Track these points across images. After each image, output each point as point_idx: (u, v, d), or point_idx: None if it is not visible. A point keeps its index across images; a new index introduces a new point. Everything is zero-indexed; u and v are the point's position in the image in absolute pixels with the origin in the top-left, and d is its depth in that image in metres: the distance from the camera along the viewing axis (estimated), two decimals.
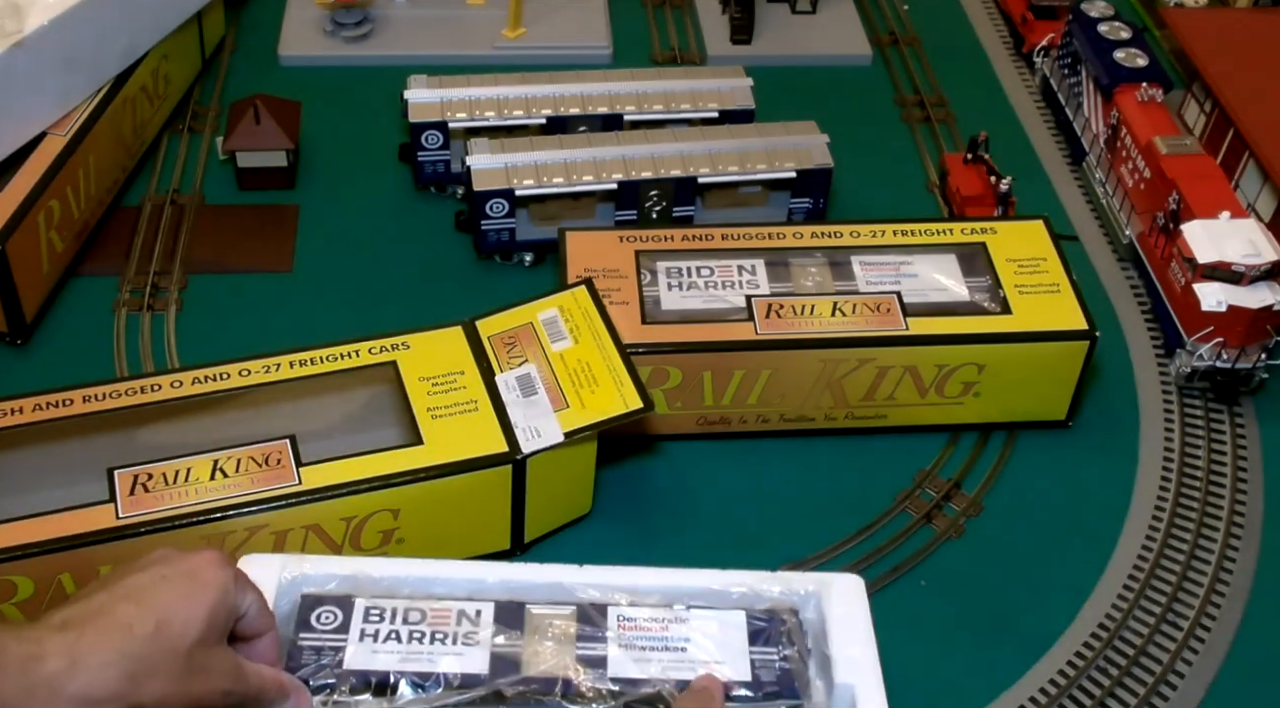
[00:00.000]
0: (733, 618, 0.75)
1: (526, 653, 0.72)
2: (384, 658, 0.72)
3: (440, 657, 0.72)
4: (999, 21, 1.56)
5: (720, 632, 0.74)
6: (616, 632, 0.74)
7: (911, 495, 1.03)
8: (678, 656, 0.73)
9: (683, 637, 0.74)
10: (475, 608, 0.74)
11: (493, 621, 0.74)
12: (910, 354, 1.02)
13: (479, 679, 0.71)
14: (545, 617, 0.74)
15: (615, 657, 0.72)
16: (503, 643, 0.73)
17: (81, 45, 1.15)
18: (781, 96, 1.35)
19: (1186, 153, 1.17)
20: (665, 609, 0.75)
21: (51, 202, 1.10)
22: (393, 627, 0.73)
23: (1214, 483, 1.05)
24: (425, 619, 0.74)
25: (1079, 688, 0.90)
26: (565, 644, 0.73)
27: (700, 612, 0.75)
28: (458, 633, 0.73)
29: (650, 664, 0.72)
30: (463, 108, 1.22)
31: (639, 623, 0.74)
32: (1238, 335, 1.07)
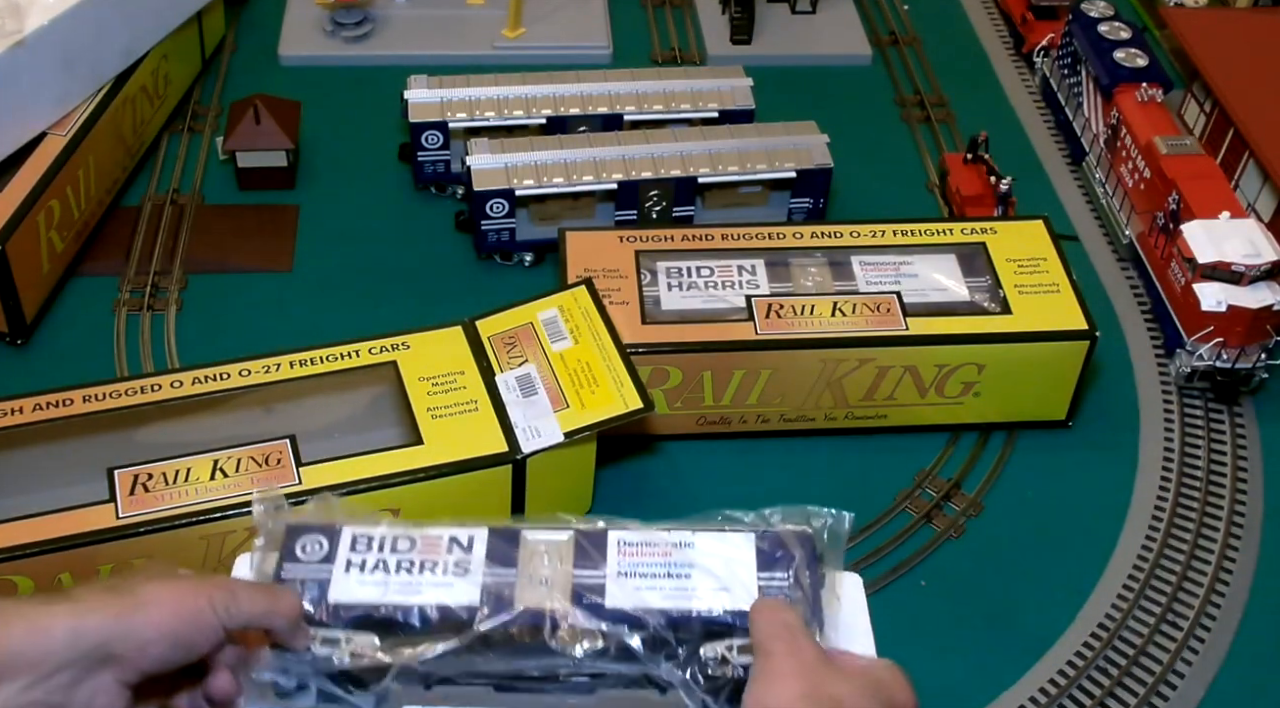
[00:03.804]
0: (740, 542, 0.71)
1: (520, 583, 0.68)
2: (370, 590, 0.68)
3: (428, 588, 0.68)
4: (999, 21, 1.56)
5: (726, 558, 0.70)
6: (616, 559, 0.69)
7: (911, 495, 1.03)
8: (680, 584, 0.68)
9: (686, 563, 0.69)
10: (468, 535, 0.70)
11: (486, 548, 0.70)
12: (910, 354, 1.02)
13: (467, 612, 0.67)
14: (541, 544, 0.70)
15: (613, 588, 0.68)
16: (495, 572, 0.68)
17: (81, 45, 1.15)
18: (781, 96, 1.35)
19: (1186, 153, 1.17)
20: (668, 533, 0.71)
21: (51, 202, 1.10)
22: (380, 556, 0.69)
23: (1214, 483, 1.05)
24: (415, 547, 0.70)
25: (1079, 688, 0.90)
26: (561, 574, 0.69)
27: (706, 535, 0.71)
28: (448, 562, 0.69)
29: (651, 594, 0.68)
30: (463, 108, 1.22)
31: (640, 549, 0.70)
32: (1238, 335, 1.07)
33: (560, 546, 0.70)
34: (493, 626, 0.66)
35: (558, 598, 0.67)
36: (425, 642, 0.66)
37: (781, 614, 0.66)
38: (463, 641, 0.66)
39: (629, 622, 0.66)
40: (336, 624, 0.67)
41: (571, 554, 0.69)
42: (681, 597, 0.68)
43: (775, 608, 0.67)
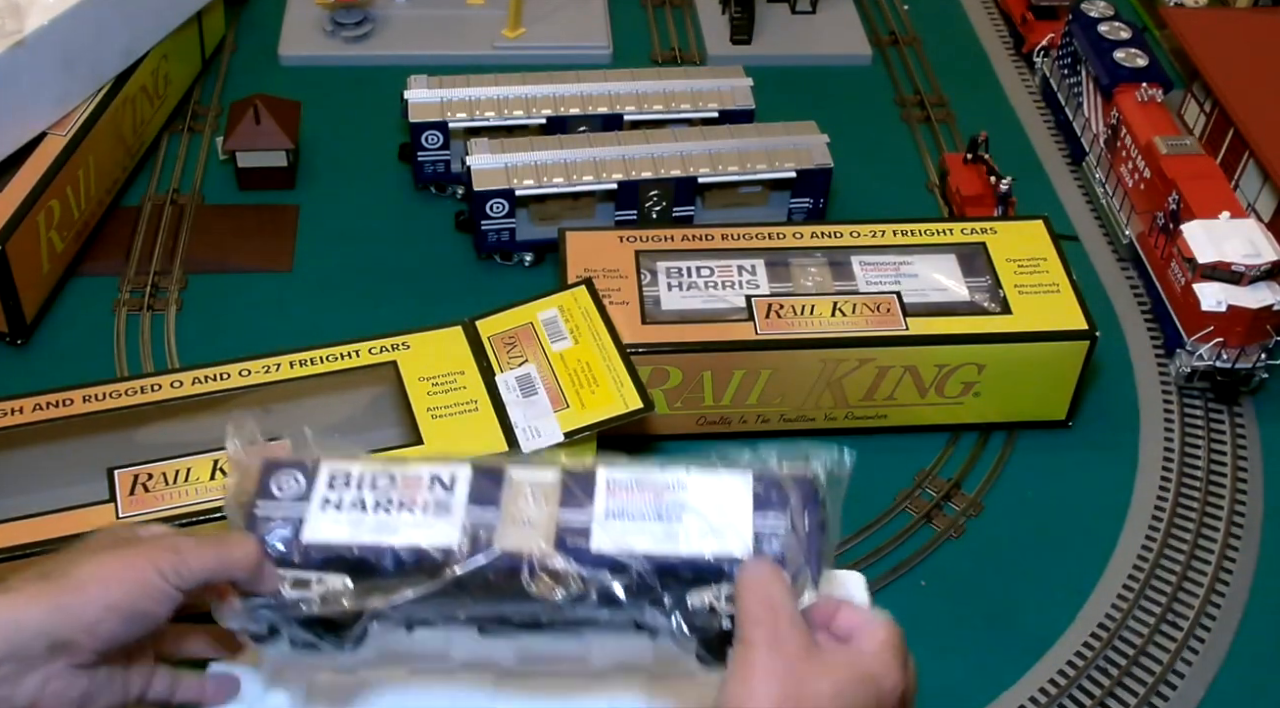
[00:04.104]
0: (736, 484, 0.67)
1: (501, 525, 0.65)
2: (344, 530, 0.65)
3: (406, 528, 0.64)
4: (999, 21, 1.56)
5: (720, 500, 0.66)
6: (605, 500, 0.66)
7: (911, 495, 1.03)
8: (670, 528, 0.64)
9: (678, 505, 0.65)
10: (451, 473, 0.67)
11: (469, 487, 0.66)
12: (910, 354, 1.02)
13: (443, 555, 0.64)
14: (526, 483, 0.66)
15: (599, 530, 0.64)
16: (476, 513, 0.65)
17: (81, 45, 1.15)
18: (781, 96, 1.35)
19: (1186, 153, 1.17)
20: (660, 472, 0.67)
21: (51, 202, 1.10)
22: (358, 494, 0.66)
23: (1214, 483, 1.05)
24: (395, 485, 0.66)
25: (1079, 688, 0.90)
26: (545, 516, 0.65)
27: (700, 475, 0.67)
28: (428, 501, 0.65)
29: (639, 537, 0.64)
30: (463, 108, 1.22)
31: (631, 489, 0.66)
32: (1238, 335, 1.07)
33: (546, 485, 0.66)
34: (468, 570, 0.63)
35: (539, 541, 0.64)
36: (399, 585, 0.64)
37: (767, 591, 0.62)
38: (437, 585, 0.63)
39: (612, 567, 0.63)
40: (309, 565, 0.64)
41: (558, 494, 0.66)
42: (670, 541, 0.64)
43: (761, 582, 0.63)
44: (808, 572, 0.64)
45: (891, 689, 0.61)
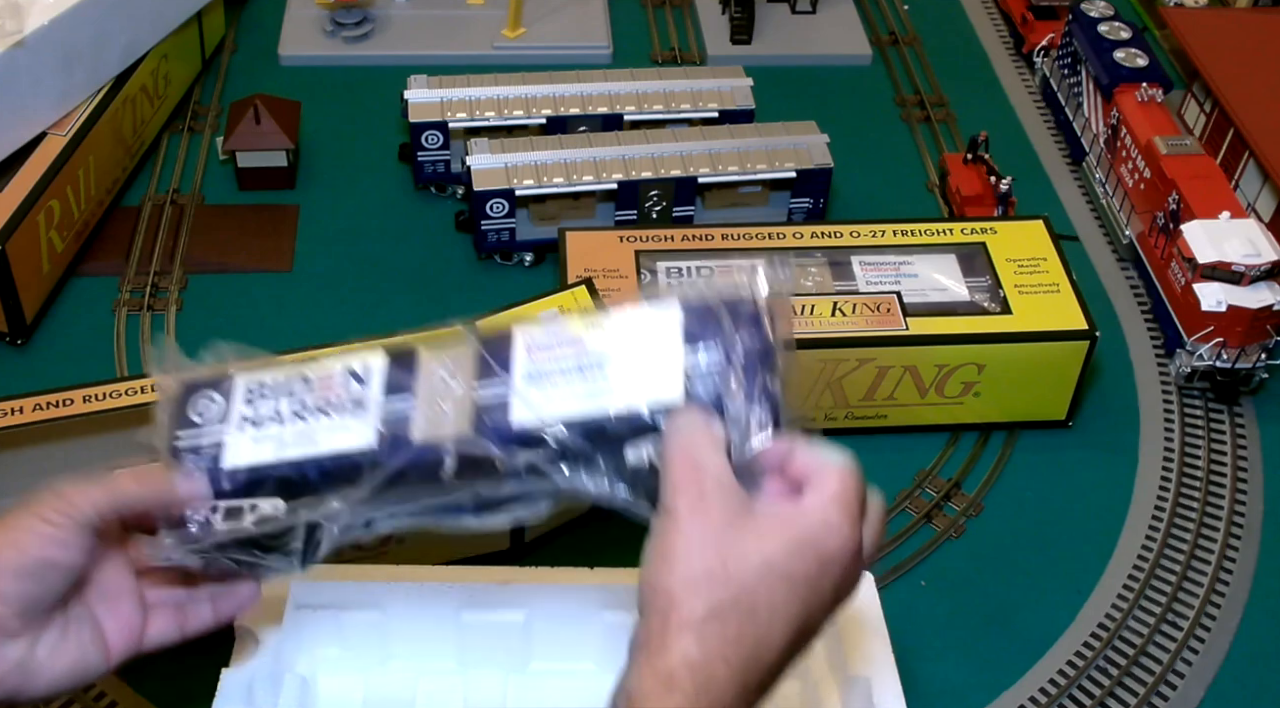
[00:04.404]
0: (663, 318, 0.59)
1: (417, 414, 0.60)
2: (266, 448, 0.61)
3: (324, 434, 0.61)
4: (999, 21, 1.56)
5: (645, 341, 0.59)
6: (524, 364, 0.60)
7: (911, 495, 1.03)
8: (594, 383, 0.58)
9: (600, 353, 0.59)
10: (364, 365, 0.63)
11: (383, 378, 0.62)
12: (910, 354, 1.02)
13: (365, 457, 0.60)
14: (439, 366, 0.62)
15: (519, 402, 0.59)
16: (392, 405, 0.61)
17: (81, 45, 1.15)
18: (781, 96, 1.35)
19: (1186, 153, 1.17)
20: (581, 322, 0.61)
21: (51, 202, 1.10)
22: (275, 405, 0.62)
23: (1214, 483, 1.05)
24: (310, 388, 0.63)
25: (1079, 688, 0.90)
26: (462, 396, 0.60)
27: (623, 314, 0.60)
28: (344, 400, 0.62)
29: (562, 402, 0.58)
30: (463, 108, 1.22)
31: (551, 347, 0.60)
32: (1238, 335, 1.07)
33: (462, 361, 0.61)
34: (389, 471, 0.60)
35: (456, 426, 0.59)
36: (330, 494, 0.61)
37: (689, 449, 0.56)
38: (364, 490, 0.60)
39: (534, 441, 0.58)
40: (238, 491, 0.61)
41: (473, 369, 0.61)
42: (594, 398, 0.58)
43: (683, 439, 0.56)
44: (755, 411, 0.57)
45: (838, 551, 0.55)
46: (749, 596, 0.53)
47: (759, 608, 0.53)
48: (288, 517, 0.61)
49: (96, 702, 0.85)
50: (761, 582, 0.53)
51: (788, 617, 0.54)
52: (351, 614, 0.79)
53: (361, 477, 0.60)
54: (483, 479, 0.59)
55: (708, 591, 0.53)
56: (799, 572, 0.54)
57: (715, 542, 0.54)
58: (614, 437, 0.58)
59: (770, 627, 0.54)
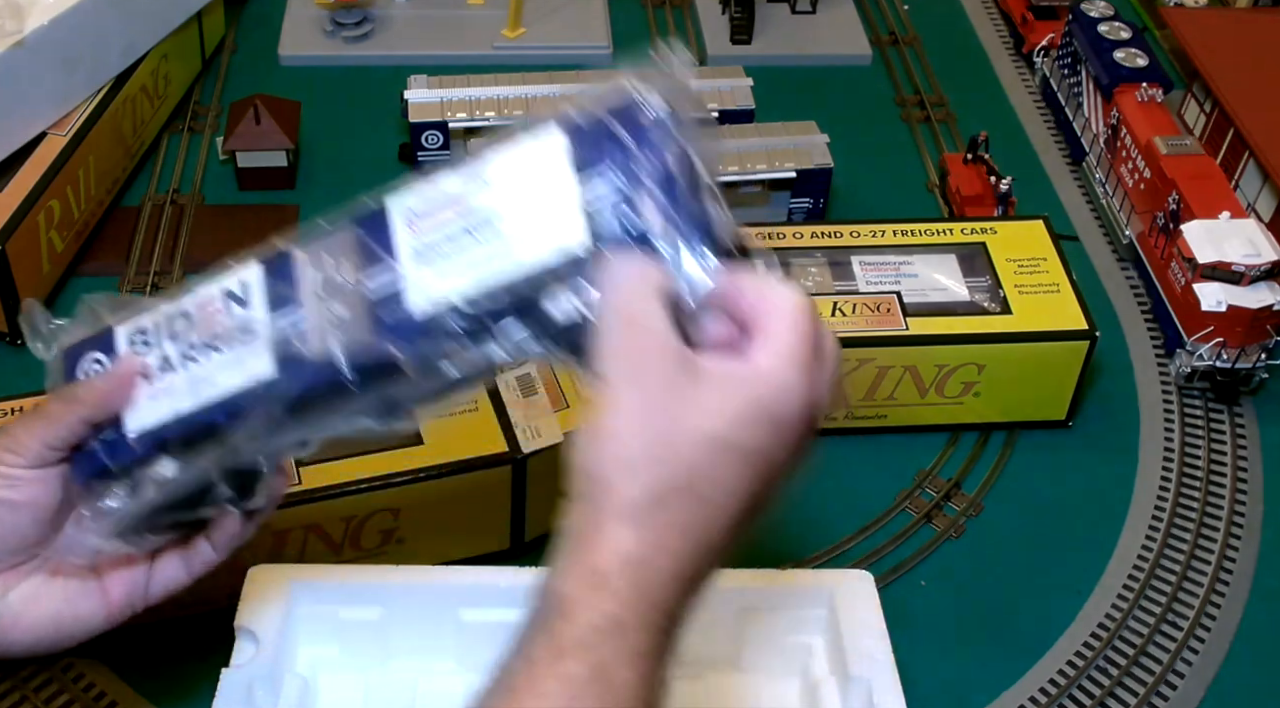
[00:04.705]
0: (547, 148, 0.52)
1: (309, 325, 0.55)
2: (163, 404, 0.57)
3: (219, 372, 0.56)
4: (999, 21, 1.56)
5: (534, 181, 0.52)
6: (407, 239, 0.53)
7: (911, 495, 1.03)
8: (488, 245, 0.51)
9: (487, 209, 0.52)
10: (241, 281, 0.58)
11: (264, 294, 0.57)
12: (910, 354, 1.02)
13: (266, 386, 0.55)
14: (319, 259, 0.56)
15: (412, 287, 0.52)
16: (280, 322, 0.55)
17: (81, 45, 1.15)
18: (781, 96, 1.35)
19: (1186, 153, 1.17)
20: (457, 175, 0.53)
21: (51, 202, 1.10)
22: (162, 352, 0.58)
23: (1214, 483, 1.05)
24: (193, 323, 0.58)
25: (1079, 688, 0.90)
26: (351, 294, 0.54)
27: (502, 156, 0.53)
28: (230, 328, 0.56)
29: (458, 276, 0.51)
30: (463, 108, 1.22)
31: (432, 214, 0.53)
32: (1238, 335, 1.07)
33: (343, 251, 0.55)
34: (292, 398, 0.55)
35: (352, 331, 0.53)
36: (237, 437, 0.56)
37: (626, 307, 0.48)
38: (274, 422, 0.55)
39: (440, 329, 0.52)
40: (148, 456, 0.58)
41: (356, 257, 0.54)
42: (493, 262, 0.51)
43: (619, 298, 0.49)
44: (685, 239, 0.50)
45: (793, 415, 0.49)
46: (694, 475, 0.47)
47: (706, 488, 0.48)
48: (192, 473, 0.57)
49: (97, 702, 0.85)
50: (709, 458, 0.47)
51: (739, 494, 0.48)
52: (351, 614, 0.79)
53: (270, 408, 0.55)
54: (397, 381, 0.53)
55: (646, 472, 0.47)
56: (751, 443, 0.48)
57: (654, 415, 0.47)
58: (526, 299, 0.51)
59: (720, 508, 0.48)
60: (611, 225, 0.50)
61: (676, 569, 0.48)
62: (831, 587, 0.78)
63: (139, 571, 0.63)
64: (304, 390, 0.54)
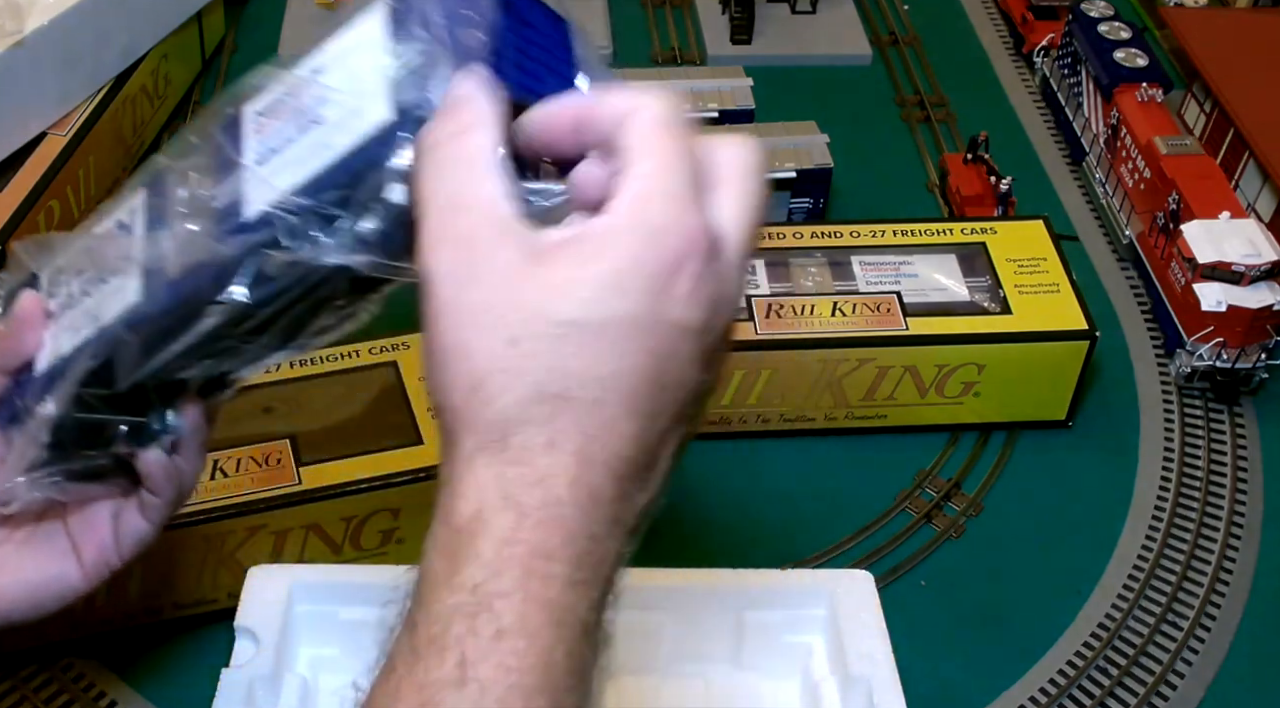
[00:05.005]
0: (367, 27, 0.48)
1: (172, 243, 0.52)
2: (64, 340, 0.56)
3: (105, 303, 0.54)
4: (999, 21, 1.56)
5: (357, 60, 0.48)
6: (254, 143, 0.50)
7: (911, 495, 1.03)
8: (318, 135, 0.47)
9: (318, 99, 0.48)
10: (130, 207, 0.56)
11: (145, 217, 0.54)
12: (910, 354, 1.02)
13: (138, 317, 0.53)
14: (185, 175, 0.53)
15: (250, 191, 0.49)
16: (153, 247, 0.53)
17: (81, 45, 1.15)
18: (781, 96, 1.34)
19: (1186, 153, 1.17)
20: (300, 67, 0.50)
21: (51, 202, 1.10)
22: (69, 289, 0.57)
23: (1214, 483, 1.05)
24: (93, 256, 0.56)
25: (1079, 688, 0.90)
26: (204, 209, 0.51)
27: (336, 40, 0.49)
28: (119, 258, 0.54)
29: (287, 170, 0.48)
30: None
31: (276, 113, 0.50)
32: (1238, 335, 1.07)
33: (205, 162, 0.52)
34: (155, 323, 0.52)
35: (199, 247, 0.50)
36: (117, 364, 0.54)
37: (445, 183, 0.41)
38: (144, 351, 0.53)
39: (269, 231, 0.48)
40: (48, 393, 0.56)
41: (214, 169, 0.52)
42: (318, 150, 0.47)
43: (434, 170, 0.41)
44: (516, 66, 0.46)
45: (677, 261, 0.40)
46: (560, 377, 0.39)
47: (580, 388, 0.39)
48: (65, 408, 0.55)
49: (97, 702, 0.85)
50: (574, 352, 0.39)
51: (631, 382, 0.39)
52: (351, 614, 0.79)
53: (139, 335, 0.52)
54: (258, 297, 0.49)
55: (501, 392, 0.39)
56: (624, 315, 0.39)
57: (496, 317, 0.39)
58: (353, 187, 0.46)
59: (611, 406, 0.39)
60: (420, 89, 0.44)
61: (581, 494, 0.39)
62: (831, 587, 0.78)
63: (104, 529, 0.61)
64: (163, 313, 0.52)
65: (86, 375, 0.54)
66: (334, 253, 0.47)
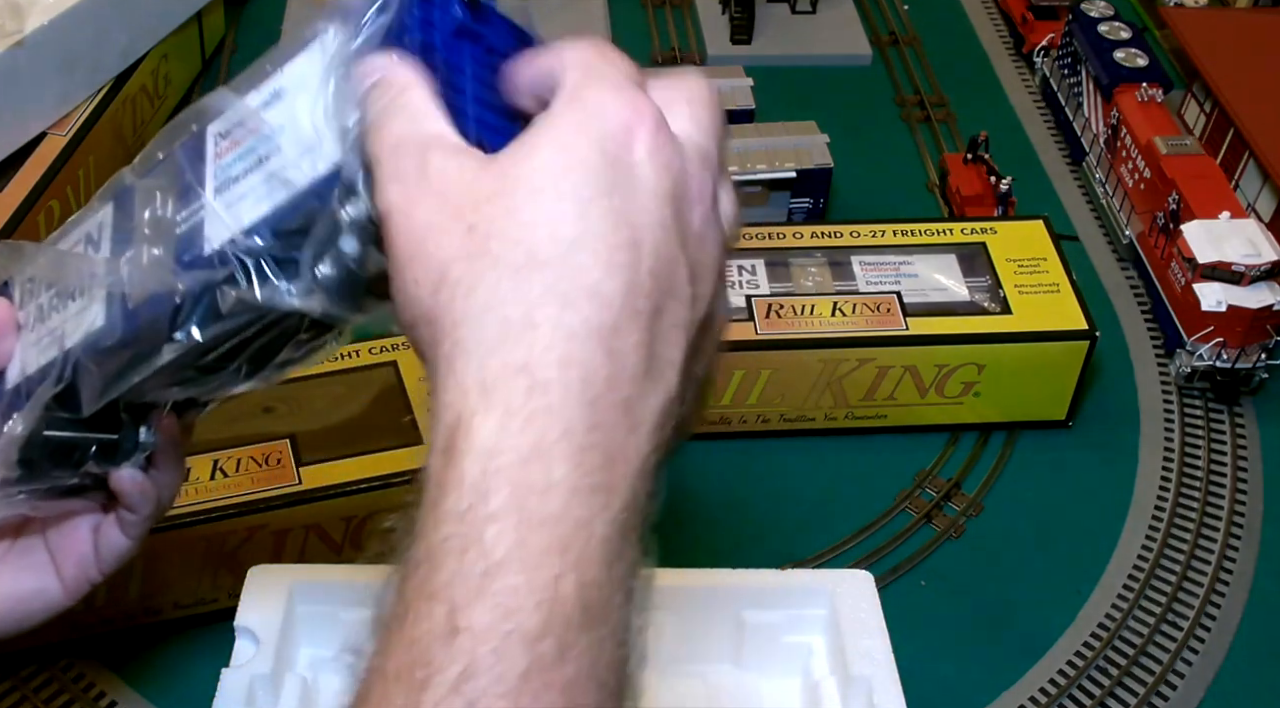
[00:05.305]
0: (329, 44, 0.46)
1: (131, 268, 0.51)
2: (31, 356, 0.55)
3: (70, 323, 0.53)
4: (999, 21, 1.56)
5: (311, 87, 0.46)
6: (213, 170, 0.49)
7: (911, 495, 1.03)
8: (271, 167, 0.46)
9: (272, 127, 0.47)
10: (98, 222, 0.54)
11: (110, 234, 0.53)
12: (910, 354, 1.02)
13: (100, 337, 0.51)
14: (151, 193, 0.52)
15: (211, 222, 0.48)
16: (114, 266, 0.51)
17: (81, 45, 1.15)
18: (781, 96, 1.35)
19: (1186, 153, 1.17)
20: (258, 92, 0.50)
21: (51, 202, 1.10)
22: (40, 300, 0.55)
23: (1214, 483, 1.05)
24: (63, 271, 0.55)
25: (1079, 688, 0.90)
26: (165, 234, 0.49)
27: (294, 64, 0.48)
28: (84, 275, 0.53)
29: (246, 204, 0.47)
30: None
31: (236, 139, 0.50)
32: (1238, 335, 1.07)
33: (170, 181, 0.52)
34: (116, 349, 0.51)
35: (158, 275, 0.49)
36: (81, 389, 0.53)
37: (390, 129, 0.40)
38: (107, 378, 0.51)
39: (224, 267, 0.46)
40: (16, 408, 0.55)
41: (176, 189, 0.51)
42: (274, 187, 0.46)
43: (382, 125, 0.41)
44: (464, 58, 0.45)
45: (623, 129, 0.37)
46: (526, 248, 0.36)
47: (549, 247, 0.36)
48: (31, 426, 0.54)
49: (97, 702, 0.85)
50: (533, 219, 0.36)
51: (603, 240, 0.36)
52: (351, 614, 0.79)
53: (102, 362, 0.51)
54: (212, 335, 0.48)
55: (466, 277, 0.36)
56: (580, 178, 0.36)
57: (451, 211, 0.37)
58: (308, 231, 0.45)
59: (586, 267, 0.36)
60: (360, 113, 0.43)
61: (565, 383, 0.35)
62: (831, 587, 0.78)
63: (84, 543, 0.60)
64: (120, 344, 0.50)
65: (51, 399, 0.53)
66: (290, 297, 0.45)
